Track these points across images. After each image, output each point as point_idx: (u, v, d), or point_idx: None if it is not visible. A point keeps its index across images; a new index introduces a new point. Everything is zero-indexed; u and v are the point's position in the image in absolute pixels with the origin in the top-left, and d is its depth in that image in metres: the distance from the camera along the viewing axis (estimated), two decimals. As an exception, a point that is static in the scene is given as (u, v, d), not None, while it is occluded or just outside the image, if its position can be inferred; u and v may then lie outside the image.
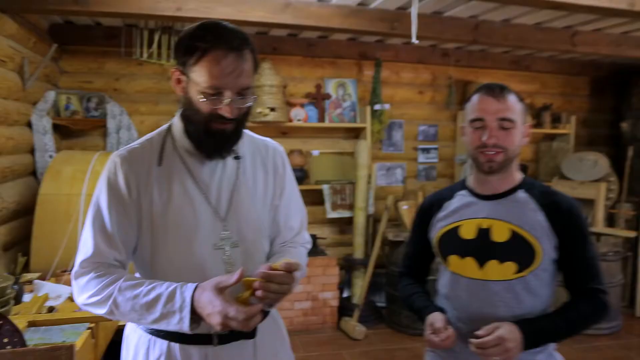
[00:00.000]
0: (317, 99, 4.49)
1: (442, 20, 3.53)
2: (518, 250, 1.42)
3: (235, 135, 1.29)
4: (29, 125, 3.51)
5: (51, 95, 3.70)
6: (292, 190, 1.51)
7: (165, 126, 1.38)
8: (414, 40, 2.51)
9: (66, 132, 3.99)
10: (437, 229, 1.57)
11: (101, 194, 1.27)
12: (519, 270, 1.41)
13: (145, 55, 3.60)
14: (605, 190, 4.47)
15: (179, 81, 1.25)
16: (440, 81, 4.88)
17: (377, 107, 4.48)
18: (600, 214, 4.44)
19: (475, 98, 1.44)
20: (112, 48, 3.96)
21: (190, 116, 1.25)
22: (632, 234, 4.45)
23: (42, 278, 2.62)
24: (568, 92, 5.31)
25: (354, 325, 4.05)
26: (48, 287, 2.39)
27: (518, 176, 1.50)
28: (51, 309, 2.16)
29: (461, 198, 1.56)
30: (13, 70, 3.15)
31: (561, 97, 5.30)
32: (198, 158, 1.32)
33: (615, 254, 4.25)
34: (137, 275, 1.34)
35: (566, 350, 3.83)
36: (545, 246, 1.40)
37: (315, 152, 4.54)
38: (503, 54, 4.88)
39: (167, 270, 1.28)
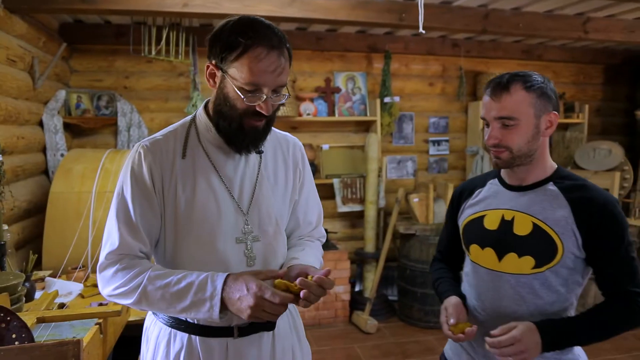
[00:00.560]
0: (327, 92, 4.47)
1: (451, 9, 3.48)
2: (538, 246, 1.37)
3: (266, 131, 1.30)
4: (41, 124, 3.55)
5: (62, 94, 3.73)
6: (311, 185, 1.53)
7: (188, 118, 1.38)
8: (421, 30, 2.47)
9: (77, 130, 4.02)
10: (465, 217, 1.56)
11: (125, 185, 1.27)
12: (537, 266, 1.37)
13: (153, 52, 3.61)
14: (620, 179, 4.39)
15: (212, 75, 1.24)
16: (450, 72, 4.82)
17: (387, 99, 4.45)
18: (615, 204, 4.36)
19: (484, 95, 1.42)
20: (122, 46, 3.98)
21: (223, 111, 1.25)
22: (648, 223, 4.38)
23: (54, 275, 2.65)
24: (581, 80, 5.22)
25: (365, 319, 4.04)
26: (59, 285, 2.42)
27: (550, 168, 1.44)
28: (62, 306, 2.18)
29: (491, 187, 1.53)
30: (23, 70, 3.18)
31: (574, 86, 5.21)
32: (222, 152, 1.33)
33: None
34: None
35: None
36: (567, 243, 1.34)
37: (326, 146, 4.53)
38: (514, 43, 4.81)
39: (189, 263, 1.28)
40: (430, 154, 4.88)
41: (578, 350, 1.46)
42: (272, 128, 1.45)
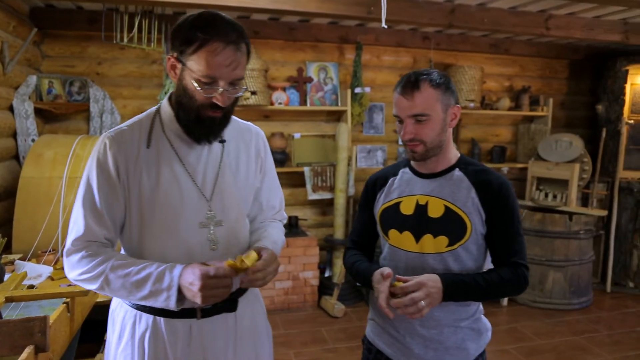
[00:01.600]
0: (299, 82, 4.55)
1: (418, 4, 3.59)
2: (450, 225, 1.51)
3: (224, 122, 1.37)
4: (11, 109, 3.56)
5: (33, 79, 3.74)
6: (272, 172, 1.62)
7: (153, 109, 1.44)
8: (384, 25, 2.57)
9: (49, 116, 4.04)
10: (380, 204, 1.66)
11: (91, 174, 1.33)
12: (450, 244, 1.51)
13: (125, 39, 3.63)
14: (579, 170, 4.59)
15: (173, 67, 1.30)
16: (421, 64, 4.94)
17: (357, 90, 4.55)
18: (573, 193, 4.57)
19: (395, 94, 1.53)
20: (94, 32, 3.98)
21: (183, 102, 1.31)
22: (603, 212, 4.59)
23: (23, 259, 2.70)
24: (547, 74, 5.40)
25: (333, 303, 4.18)
26: (29, 267, 2.48)
27: (454, 156, 1.60)
28: (31, 287, 2.24)
29: (403, 175, 1.65)
30: (-7, 55, 3.19)
31: (540, 80, 5.39)
32: (186, 141, 1.39)
33: (586, 232, 4.39)
34: (123, 252, 1.42)
35: (536, 325, 4.01)
36: (475, 221, 1.51)
37: (297, 135, 4.62)
38: (482, 37, 4.95)
39: (154, 248, 1.35)
40: (399, 144, 5.01)
41: (484, 318, 1.64)
42: (235, 118, 1.54)
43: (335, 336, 3.82)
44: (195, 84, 1.25)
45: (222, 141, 1.44)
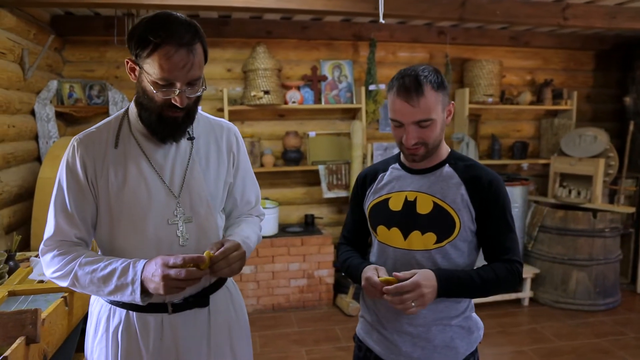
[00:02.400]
0: (313, 81, 4.56)
1: (427, -2, 3.54)
2: (438, 222, 1.49)
3: (187, 121, 1.38)
4: (33, 113, 3.71)
5: (54, 84, 3.89)
6: (246, 167, 1.61)
7: (122, 110, 1.48)
8: (382, 20, 2.55)
9: (70, 119, 4.18)
10: (370, 200, 1.64)
11: (61, 176, 1.39)
12: (438, 241, 1.49)
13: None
14: (604, 166, 4.41)
15: (132, 70, 1.32)
16: (437, 60, 4.86)
17: (371, 87, 4.52)
18: (598, 190, 4.40)
19: (391, 97, 1.46)
20: (111, 37, 4.10)
21: (143, 103, 1.33)
22: (631, 209, 4.40)
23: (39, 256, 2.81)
24: (571, 67, 5.21)
25: (348, 301, 4.16)
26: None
27: (445, 152, 1.57)
28: (41, 282, 2.33)
29: (393, 171, 1.63)
30: (14, 62, 3.33)
31: (564, 73, 5.21)
32: (152, 140, 1.41)
33: (612, 230, 4.22)
34: (100, 252, 1.47)
35: (557, 326, 3.88)
36: (464, 218, 1.48)
37: (312, 134, 4.62)
38: (501, 30, 4.83)
39: (125, 245, 1.39)
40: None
41: (475, 316, 1.61)
42: (208, 116, 1.57)
43: (348, 334, 3.80)
44: (152, 87, 1.27)
45: (191, 138, 1.46)
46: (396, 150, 4.85)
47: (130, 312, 1.41)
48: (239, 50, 4.49)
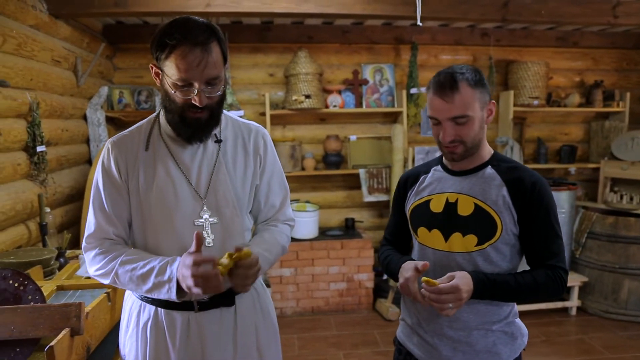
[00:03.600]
0: (354, 84, 4.57)
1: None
2: (479, 224, 1.47)
3: (211, 122, 1.41)
4: (85, 118, 3.90)
5: (104, 90, 4.07)
6: (273, 170, 1.61)
7: (154, 114, 1.54)
8: (419, 22, 2.53)
9: (120, 123, 4.36)
10: (411, 202, 1.64)
11: (98, 177, 1.47)
12: (479, 243, 1.46)
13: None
14: (660, 170, 4.20)
15: (157, 74, 1.38)
16: (481, 62, 4.77)
17: (413, 90, 4.48)
18: (653, 195, 4.19)
19: (429, 94, 1.48)
20: (159, 44, 4.26)
21: (167, 106, 1.39)
22: (689, 217, 4.16)
23: (87, 253, 2.94)
24: (624, 67, 4.99)
25: (387, 306, 4.13)
26: (88, 260, 2.69)
27: (487, 153, 1.55)
28: (88, 279, 2.45)
29: (434, 173, 1.62)
30: (68, 69, 3.52)
31: (616, 73, 4.99)
32: (180, 142, 1.46)
33: (667, 238, 4.00)
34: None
35: (607, 338, 3.71)
36: (505, 220, 1.45)
37: (353, 137, 4.63)
38: (547, 30, 4.68)
39: (154, 244, 1.45)
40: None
41: (519, 322, 1.57)
42: (238, 118, 1.59)
43: (387, 339, 3.78)
44: (172, 88, 1.31)
45: (219, 141, 1.49)
46: (438, 154, 4.81)
47: (159, 308, 1.46)
48: (281, 55, 4.55)
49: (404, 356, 1.66)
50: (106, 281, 1.44)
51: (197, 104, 1.32)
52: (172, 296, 1.34)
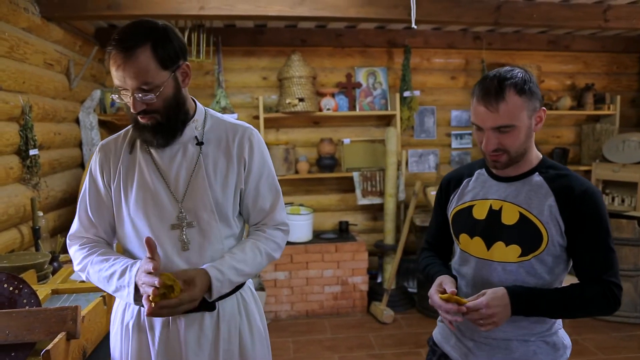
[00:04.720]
0: (348, 88, 4.58)
1: (461, 3, 3.50)
2: (524, 235, 1.40)
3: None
4: (77, 121, 3.87)
5: (97, 93, 4.04)
6: (261, 172, 1.53)
7: None
8: (414, 25, 2.55)
9: (112, 127, 4.34)
10: (453, 206, 1.57)
11: (86, 180, 1.50)
12: (523, 254, 1.40)
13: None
14: (650, 172, 4.24)
15: None
16: (473, 65, 4.81)
17: (406, 94, 4.50)
18: (644, 197, 4.23)
19: (473, 99, 1.39)
20: (152, 48, 4.25)
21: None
22: (680, 218, 4.20)
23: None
24: (614, 70, 5.05)
25: (382, 309, 4.13)
26: (81, 264, 2.67)
27: (535, 159, 1.47)
28: (82, 282, 2.43)
29: (478, 176, 1.55)
30: (60, 72, 3.49)
31: (607, 77, 5.05)
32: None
33: (659, 240, 4.04)
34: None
35: (601, 339, 3.74)
36: (551, 232, 1.38)
37: (347, 141, 4.63)
38: (539, 34, 4.73)
39: (132, 248, 1.47)
40: (453, 147, 4.89)
41: (562, 333, 1.50)
42: (225, 119, 1.55)
43: (382, 342, 3.77)
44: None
45: (200, 143, 1.46)
46: (431, 157, 4.84)
47: (142, 308, 1.46)
48: (274, 58, 4.56)
49: (437, 357, 1.61)
50: (83, 277, 1.48)
51: (132, 109, 1.31)
52: (131, 300, 1.36)
